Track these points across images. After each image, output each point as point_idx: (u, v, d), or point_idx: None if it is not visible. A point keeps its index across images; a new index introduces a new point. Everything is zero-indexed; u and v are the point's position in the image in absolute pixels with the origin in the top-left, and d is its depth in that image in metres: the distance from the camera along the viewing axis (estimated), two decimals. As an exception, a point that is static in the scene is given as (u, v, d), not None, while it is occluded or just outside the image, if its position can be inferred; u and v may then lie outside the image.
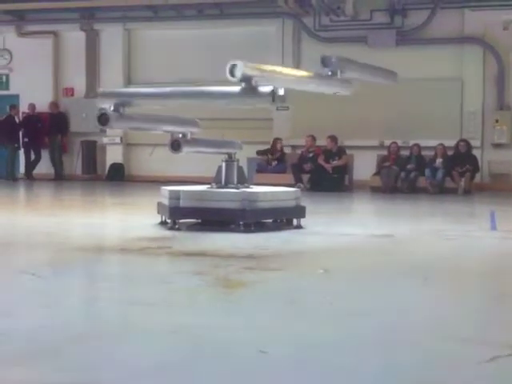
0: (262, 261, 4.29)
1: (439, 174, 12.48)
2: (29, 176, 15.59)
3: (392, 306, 3.12)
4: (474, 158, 12.96)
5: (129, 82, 15.81)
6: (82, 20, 16.03)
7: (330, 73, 5.84)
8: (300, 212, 6.20)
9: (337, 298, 3.27)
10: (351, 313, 2.95)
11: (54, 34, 16.25)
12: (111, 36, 15.91)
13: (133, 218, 7.16)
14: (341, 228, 6.38)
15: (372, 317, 2.88)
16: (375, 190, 12.60)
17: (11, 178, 15.25)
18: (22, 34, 16.46)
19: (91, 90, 15.94)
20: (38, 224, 6.54)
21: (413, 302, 3.23)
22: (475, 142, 13.60)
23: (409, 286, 3.59)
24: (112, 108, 5.79)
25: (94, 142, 15.98)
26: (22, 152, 15.93)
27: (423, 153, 13.16)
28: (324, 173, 12.83)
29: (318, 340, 2.50)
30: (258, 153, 13.75)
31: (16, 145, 15.56)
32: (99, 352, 2.34)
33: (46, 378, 2.07)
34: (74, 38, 16.07)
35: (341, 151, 13.22)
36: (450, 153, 12.98)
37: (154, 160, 15.55)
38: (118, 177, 15.52)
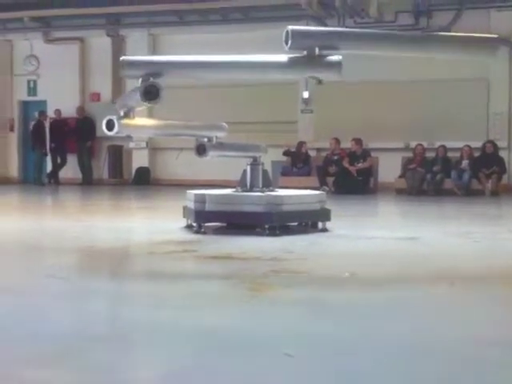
0: (287, 264, 4.30)
1: (465, 176, 12.39)
2: (55, 180, 15.77)
3: (417, 311, 3.11)
4: (501, 159, 12.85)
5: (154, 86, 15.92)
6: (107, 26, 16.21)
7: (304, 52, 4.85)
8: (325, 215, 6.19)
9: (358, 300, 3.27)
10: (376, 316, 2.95)
11: (81, 40, 16.44)
12: (137, 41, 16.05)
13: (159, 222, 7.21)
14: (366, 231, 6.36)
15: (397, 320, 2.87)
16: (400, 193, 12.55)
17: (39, 182, 15.45)
18: (48, 41, 16.67)
19: (117, 95, 16.11)
20: (65, 228, 6.61)
21: (439, 306, 3.22)
22: (502, 143, 13.49)
23: (435, 290, 3.57)
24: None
25: (121, 147, 16.13)
26: (48, 157, 16.15)
27: (449, 154, 13.08)
28: (349, 175, 12.81)
29: (343, 343, 2.51)
30: (285, 153, 13.79)
31: (44, 150, 15.78)
32: (125, 354, 2.37)
33: (71, 379, 2.10)
34: (100, 43, 16.24)
35: (365, 154, 13.19)
36: (476, 154, 12.88)
37: (180, 164, 15.66)
38: (144, 181, 15.65)
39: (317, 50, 4.75)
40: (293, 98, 15.05)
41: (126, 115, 5.51)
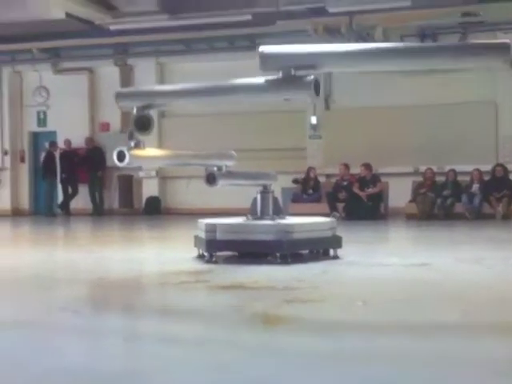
0: (299, 293, 4.28)
1: (476, 200, 12.36)
2: (66, 211, 15.83)
3: (430, 343, 3.08)
4: (511, 182, 12.81)
5: (162, 114, 16.02)
6: (115, 56, 16.37)
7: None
8: (336, 242, 6.18)
9: (376, 331, 3.25)
10: (390, 348, 2.92)
11: (89, 70, 16.60)
12: (144, 70, 16.20)
13: (170, 252, 7.21)
14: (378, 258, 6.34)
15: (413, 350, 2.85)
16: (411, 218, 12.51)
17: (50, 213, 15.52)
18: (57, 71, 16.84)
19: (126, 125, 16.23)
20: (77, 259, 6.63)
21: (452, 335, 3.20)
22: None
23: (447, 318, 3.55)
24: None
25: (131, 176, 16.19)
26: (59, 187, 16.24)
27: (459, 178, 13.06)
28: (359, 201, 12.80)
29: (359, 378, 2.48)
30: (294, 181, 13.80)
31: (55, 180, 15.88)
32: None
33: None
34: (109, 73, 16.40)
35: (375, 179, 13.19)
36: (486, 178, 12.86)
37: (190, 192, 15.70)
38: (155, 210, 15.68)
39: (292, 71, 4.60)
40: (301, 124, 15.11)
41: (137, 146, 5.53)
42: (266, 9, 13.15)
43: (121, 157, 5.45)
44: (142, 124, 5.29)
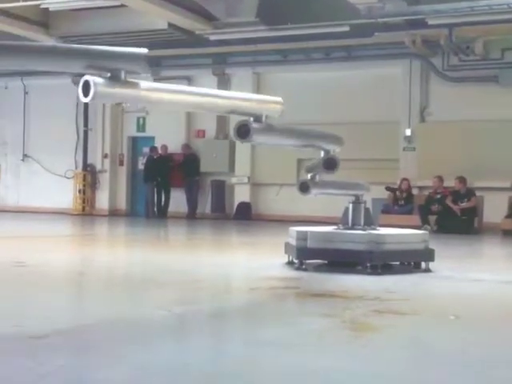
0: (390, 304, 4.28)
1: None
2: (163, 214, 16.28)
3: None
4: None
5: (257, 123, 16.20)
6: (214, 65, 16.71)
7: None
8: (429, 255, 6.11)
9: (469, 345, 3.22)
10: (484, 362, 2.90)
11: (188, 78, 17.01)
12: (241, 79, 16.45)
13: (260, 258, 7.32)
14: (471, 273, 6.23)
15: (507, 367, 2.82)
16: (507, 234, 12.15)
17: (149, 215, 16.02)
18: (157, 80, 17.34)
19: (221, 132, 16.56)
20: (171, 262, 6.83)
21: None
22: None
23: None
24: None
25: (223, 182, 16.49)
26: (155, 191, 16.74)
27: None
28: (452, 215, 12.55)
29: None
30: (387, 189, 13.66)
31: (155, 183, 16.37)
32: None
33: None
34: (207, 82, 16.72)
35: (470, 193, 12.89)
36: None
37: (281, 199, 15.82)
38: (246, 216, 15.88)
39: None
40: (395, 135, 14.96)
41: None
42: (363, 20, 13.12)
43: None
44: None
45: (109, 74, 3.97)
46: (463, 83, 14.31)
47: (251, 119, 5.12)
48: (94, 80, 3.90)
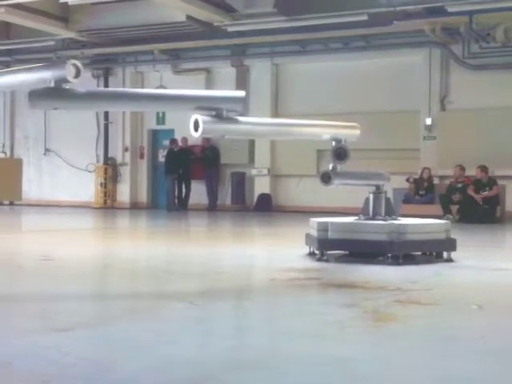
0: (412, 294, 4.28)
1: None
2: (183, 206, 16.34)
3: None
4: None
5: (276, 114, 16.21)
6: (232, 57, 16.71)
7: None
8: (450, 245, 6.09)
9: (492, 334, 3.22)
10: (509, 350, 2.90)
11: (207, 70, 17.04)
12: (260, 70, 16.46)
13: (281, 249, 7.34)
14: (494, 262, 6.19)
15: (528, 356, 2.81)
16: (530, 222, 12.06)
17: (170, 208, 16.09)
18: (176, 72, 17.40)
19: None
20: (192, 254, 6.87)
21: None
22: None
23: None
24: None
25: (243, 174, 16.52)
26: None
27: None
28: (474, 204, 12.48)
29: (471, 380, 2.49)
30: (408, 180, 13.60)
31: (176, 175, 16.42)
32: (253, 381, 2.46)
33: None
34: (225, 73, 16.76)
35: (491, 181, 12.80)
36: None
37: (301, 191, 15.83)
38: (266, 207, 15.90)
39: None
40: (415, 124, 14.88)
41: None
42: (382, 9, 13.04)
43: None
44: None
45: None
46: (484, 71, 14.18)
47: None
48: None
